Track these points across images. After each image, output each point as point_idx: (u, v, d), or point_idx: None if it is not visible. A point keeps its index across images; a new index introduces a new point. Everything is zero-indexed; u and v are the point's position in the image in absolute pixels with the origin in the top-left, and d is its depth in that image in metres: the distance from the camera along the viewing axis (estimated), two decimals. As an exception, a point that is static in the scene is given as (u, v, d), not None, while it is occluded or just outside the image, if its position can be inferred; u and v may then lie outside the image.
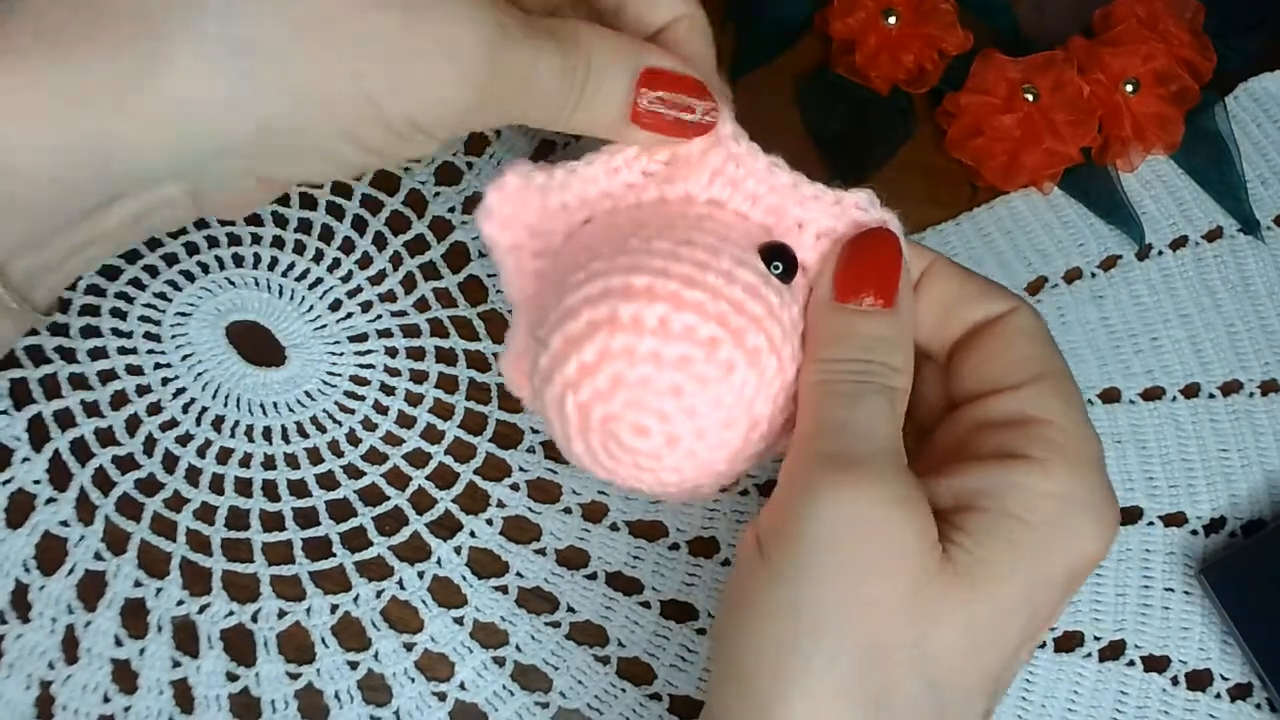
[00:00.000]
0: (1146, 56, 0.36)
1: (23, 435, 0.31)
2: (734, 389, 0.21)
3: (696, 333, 0.20)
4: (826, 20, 0.38)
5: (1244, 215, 0.37)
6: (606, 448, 0.21)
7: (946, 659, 0.20)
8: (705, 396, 0.21)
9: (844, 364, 0.22)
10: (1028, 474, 0.21)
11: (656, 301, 0.20)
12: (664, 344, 0.20)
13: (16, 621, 0.29)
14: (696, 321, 0.20)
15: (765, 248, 0.22)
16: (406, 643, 0.30)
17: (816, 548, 0.20)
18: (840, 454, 0.20)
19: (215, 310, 0.33)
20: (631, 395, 0.20)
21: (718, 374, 0.21)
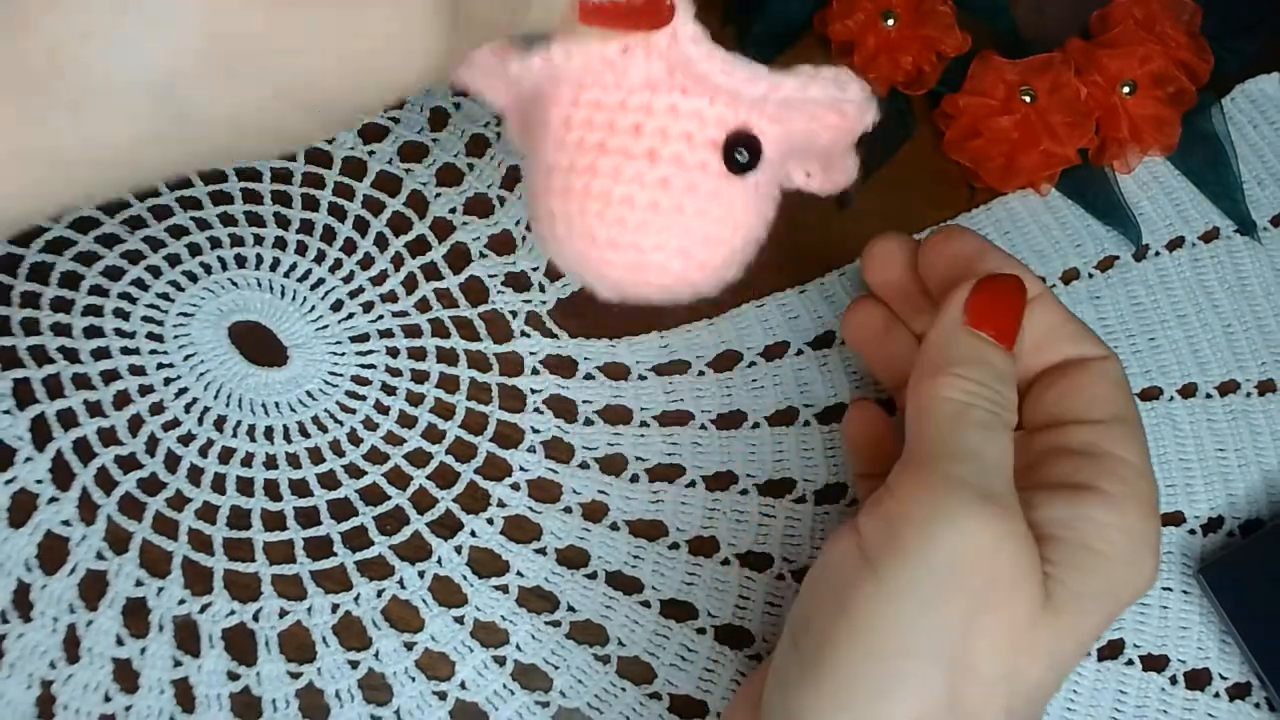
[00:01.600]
0: (1144, 58, 0.37)
1: (25, 435, 0.31)
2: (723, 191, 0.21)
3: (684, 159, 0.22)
4: (825, 22, 0.38)
5: (1240, 216, 0.37)
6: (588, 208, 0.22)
7: (1027, 692, 0.20)
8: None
9: (981, 389, 0.22)
10: (1102, 508, 0.21)
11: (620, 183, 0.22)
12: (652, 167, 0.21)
13: (18, 621, 0.29)
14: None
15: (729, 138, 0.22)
16: (407, 642, 0.30)
17: (937, 572, 0.20)
18: (975, 484, 0.20)
19: (218, 310, 0.33)
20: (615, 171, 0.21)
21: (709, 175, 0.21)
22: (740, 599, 0.31)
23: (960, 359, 0.23)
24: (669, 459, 0.33)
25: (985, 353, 0.23)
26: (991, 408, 0.22)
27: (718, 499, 0.32)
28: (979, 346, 0.23)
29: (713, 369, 0.34)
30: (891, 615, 0.20)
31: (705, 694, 0.30)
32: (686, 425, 0.33)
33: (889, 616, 0.20)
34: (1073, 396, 0.23)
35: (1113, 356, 0.24)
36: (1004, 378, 0.23)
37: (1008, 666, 0.20)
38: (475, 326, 0.34)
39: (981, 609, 0.20)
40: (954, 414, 0.22)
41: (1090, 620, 0.21)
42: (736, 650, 0.31)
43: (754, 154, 0.22)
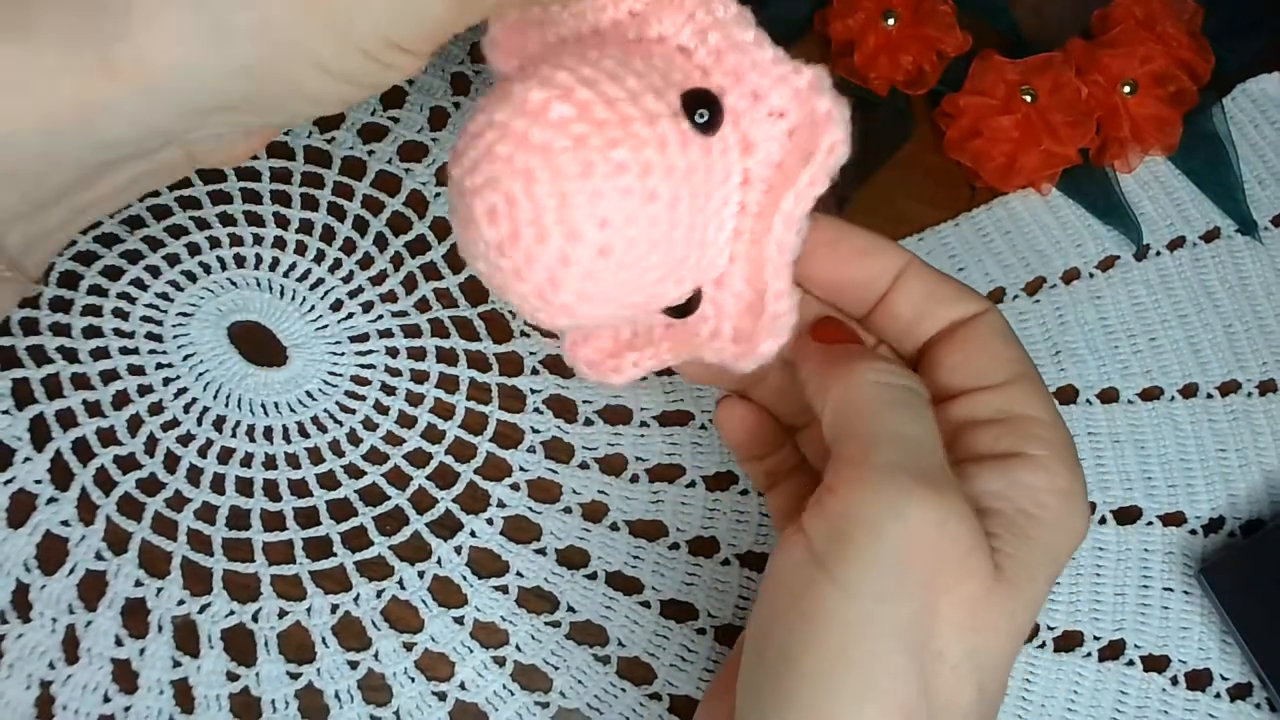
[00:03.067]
0: (1144, 58, 0.37)
1: (24, 435, 0.31)
2: (584, 193, 0.20)
3: (569, 126, 0.20)
4: (826, 21, 0.38)
5: (1241, 216, 0.37)
6: (467, 230, 0.21)
7: (993, 664, 0.20)
8: (551, 190, 0.20)
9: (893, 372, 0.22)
10: (1031, 472, 0.21)
11: (547, 88, 0.20)
12: (534, 126, 0.20)
13: (17, 621, 0.29)
14: (572, 115, 0.20)
15: (689, 93, 0.21)
16: (406, 642, 0.30)
17: (890, 564, 0.20)
18: (909, 466, 0.20)
19: (217, 310, 0.33)
20: (492, 171, 0.20)
21: (572, 170, 0.20)
22: (740, 599, 0.31)
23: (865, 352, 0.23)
24: (669, 459, 0.33)
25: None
26: (908, 389, 0.22)
27: (718, 499, 0.32)
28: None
29: (713, 369, 0.34)
30: (853, 616, 0.20)
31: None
32: (686, 425, 0.33)
33: (851, 617, 0.20)
34: (968, 363, 0.23)
35: (991, 307, 0.23)
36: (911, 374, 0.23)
37: (971, 645, 0.20)
38: (475, 326, 0.34)
39: (938, 593, 0.20)
40: (873, 400, 0.21)
41: (1039, 584, 0.21)
42: (736, 651, 0.31)
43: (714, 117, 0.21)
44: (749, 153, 0.22)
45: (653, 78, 0.21)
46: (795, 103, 0.22)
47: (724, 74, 0.22)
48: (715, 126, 0.21)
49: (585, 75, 0.20)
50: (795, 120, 0.22)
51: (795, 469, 0.27)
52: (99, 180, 0.22)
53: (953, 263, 0.36)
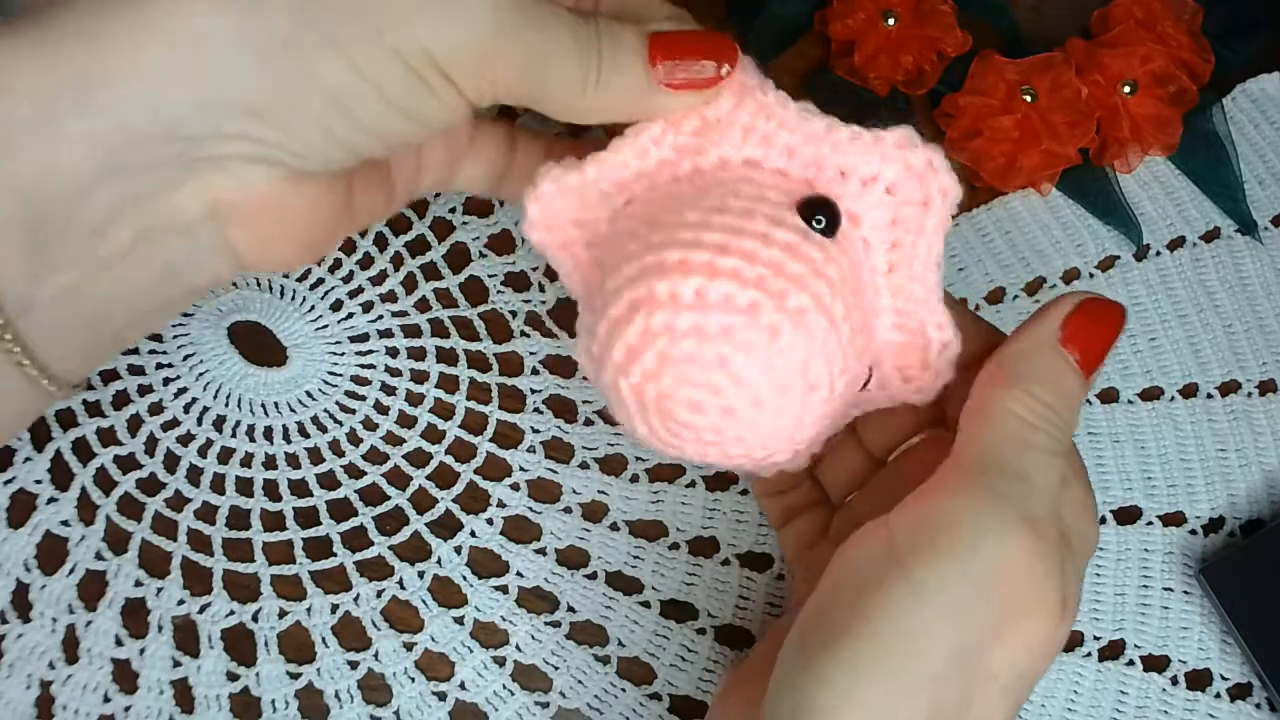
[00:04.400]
0: (1145, 58, 0.37)
1: (24, 435, 0.31)
2: (782, 353, 0.20)
3: (735, 301, 0.20)
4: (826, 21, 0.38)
5: (1241, 216, 0.37)
6: (666, 426, 0.21)
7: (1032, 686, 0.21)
8: (753, 364, 0.20)
9: (1049, 413, 0.22)
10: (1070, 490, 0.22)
11: (691, 275, 0.20)
12: (703, 316, 0.20)
13: (17, 621, 0.29)
14: (734, 289, 0.20)
15: (804, 202, 0.21)
16: (407, 642, 0.30)
17: (973, 581, 0.20)
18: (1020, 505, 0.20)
19: (217, 310, 0.33)
20: (679, 372, 0.20)
21: (763, 340, 0.20)
22: (740, 599, 0.31)
23: (1037, 376, 0.22)
24: (669, 459, 0.33)
25: (1063, 374, 0.22)
26: (1055, 433, 0.22)
27: (718, 499, 0.32)
28: (1059, 367, 0.22)
29: (713, 369, 0.34)
30: (919, 620, 0.20)
31: (705, 694, 0.30)
32: (686, 425, 0.33)
33: (916, 621, 0.20)
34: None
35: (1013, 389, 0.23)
36: (1074, 404, 0.22)
37: (1024, 669, 0.20)
38: (475, 326, 0.34)
39: (1008, 621, 0.20)
40: (1016, 431, 0.21)
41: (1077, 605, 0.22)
42: (736, 650, 0.31)
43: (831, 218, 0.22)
44: (858, 224, 0.23)
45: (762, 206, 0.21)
46: (882, 165, 0.23)
47: (804, 166, 0.22)
48: (836, 224, 0.22)
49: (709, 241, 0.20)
50: (889, 178, 0.23)
51: (813, 504, 0.27)
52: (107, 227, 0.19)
53: (953, 263, 0.36)
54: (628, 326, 0.20)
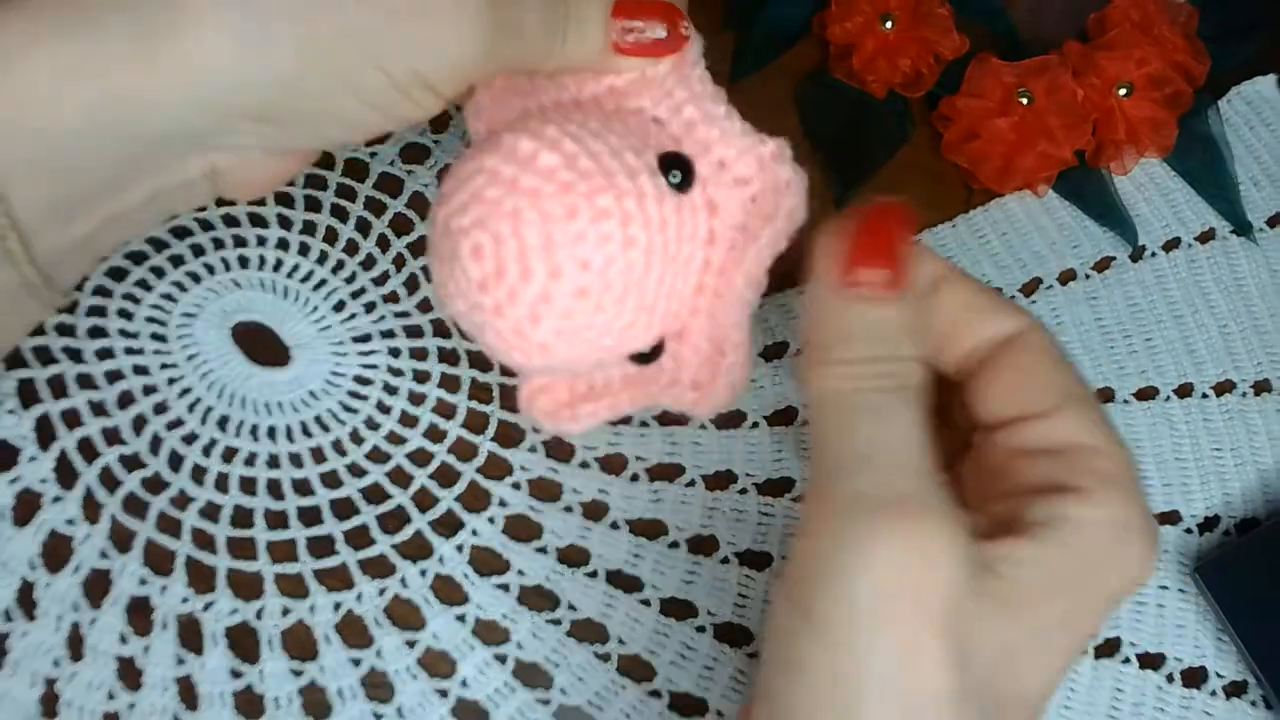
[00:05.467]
0: (1140, 60, 0.37)
1: (30, 434, 0.31)
2: (569, 235, 0.21)
3: (555, 173, 0.21)
4: (824, 24, 0.38)
5: (1236, 217, 0.38)
6: (450, 268, 0.22)
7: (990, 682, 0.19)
8: (537, 230, 0.21)
9: (866, 365, 0.20)
10: (1080, 506, 0.20)
11: (536, 140, 0.22)
12: (523, 172, 0.21)
13: (22, 619, 0.29)
14: (559, 164, 0.21)
15: (667, 154, 0.23)
16: (409, 640, 0.30)
17: (861, 607, 0.18)
18: (874, 495, 0.19)
19: (221, 311, 0.33)
20: (479, 212, 0.21)
21: (558, 213, 0.21)
22: (739, 597, 0.32)
23: (836, 336, 0.20)
24: (669, 458, 0.33)
25: (864, 314, 0.20)
26: (880, 382, 0.19)
27: (717, 498, 0.33)
28: (853, 310, 0.20)
29: (712, 369, 0.34)
30: (828, 664, 0.18)
31: (705, 692, 0.30)
32: (686, 425, 0.33)
33: (827, 665, 0.18)
34: (1014, 389, 0.21)
35: (1036, 323, 0.21)
36: (894, 333, 0.20)
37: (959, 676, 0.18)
38: (476, 327, 0.34)
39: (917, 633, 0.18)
40: (838, 409, 0.20)
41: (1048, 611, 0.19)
42: (736, 648, 0.31)
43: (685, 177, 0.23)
44: (714, 214, 0.24)
45: (632, 139, 0.23)
46: (758, 171, 0.24)
47: (694, 143, 0.24)
48: (688, 186, 0.23)
49: (571, 131, 0.22)
50: (757, 187, 0.24)
51: None
52: (124, 189, 0.22)
53: (950, 264, 0.36)
54: (469, 162, 0.22)
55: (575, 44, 0.23)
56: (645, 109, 0.24)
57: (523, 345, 0.22)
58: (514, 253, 0.21)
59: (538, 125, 0.22)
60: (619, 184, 0.22)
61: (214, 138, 0.22)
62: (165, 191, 0.23)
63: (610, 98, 0.24)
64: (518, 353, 0.23)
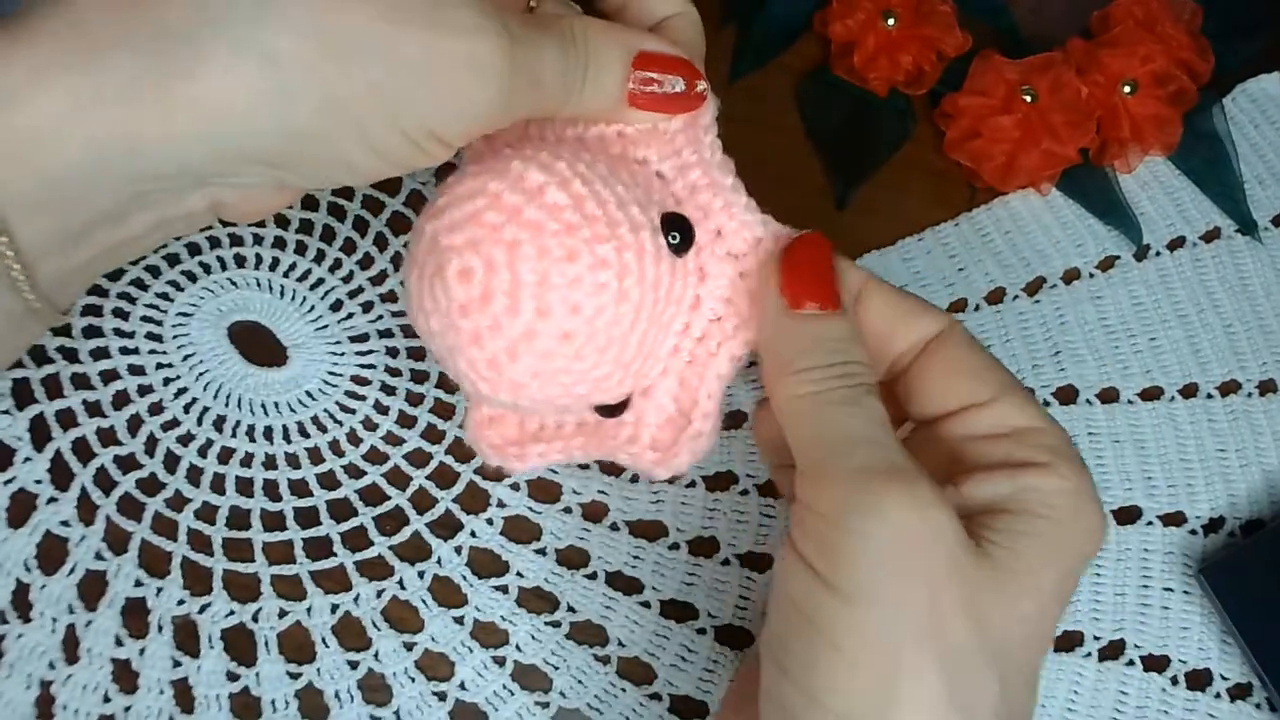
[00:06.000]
0: (1145, 58, 0.37)
1: (25, 435, 0.31)
2: (564, 278, 0.21)
3: (561, 212, 0.21)
4: (825, 21, 0.38)
5: (1241, 216, 0.37)
6: (431, 284, 0.22)
7: (1008, 654, 0.20)
8: (533, 266, 0.21)
9: (827, 370, 0.22)
10: (1041, 477, 0.22)
11: (545, 173, 0.21)
12: (527, 204, 0.21)
13: (17, 621, 0.29)
14: (567, 204, 0.21)
15: (669, 214, 0.23)
16: (407, 642, 0.30)
17: (880, 565, 0.20)
18: (871, 465, 0.20)
19: (217, 310, 0.33)
20: (475, 234, 0.21)
21: (558, 253, 0.21)
22: (740, 599, 0.31)
23: (796, 351, 0.22)
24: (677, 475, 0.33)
25: (816, 330, 0.22)
26: (845, 382, 0.22)
27: (718, 499, 0.32)
28: (807, 329, 0.22)
29: (713, 369, 0.34)
30: (864, 622, 0.20)
31: (705, 694, 0.30)
32: (686, 425, 0.33)
33: (857, 624, 0.20)
34: (952, 384, 0.23)
35: (955, 321, 0.23)
36: (845, 342, 0.22)
37: (979, 637, 0.20)
38: (475, 326, 0.34)
39: (932, 587, 0.20)
40: (815, 408, 0.22)
41: (1046, 579, 0.21)
42: (736, 650, 0.31)
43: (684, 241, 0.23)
44: (702, 281, 0.24)
45: (638, 192, 0.23)
46: (754, 249, 0.24)
47: (695, 207, 0.24)
48: (685, 250, 0.23)
49: (581, 171, 0.22)
50: (749, 264, 0.24)
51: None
52: (128, 220, 0.22)
53: (953, 263, 0.36)
54: (470, 181, 0.22)
55: (592, 94, 0.23)
56: (651, 161, 0.24)
57: (494, 378, 0.22)
58: (505, 284, 0.21)
59: (549, 158, 0.21)
60: (622, 236, 0.21)
61: (220, 178, 0.22)
62: (167, 221, 0.23)
63: (617, 142, 0.24)
64: (486, 385, 0.22)
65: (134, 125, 0.20)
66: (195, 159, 0.20)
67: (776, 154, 0.37)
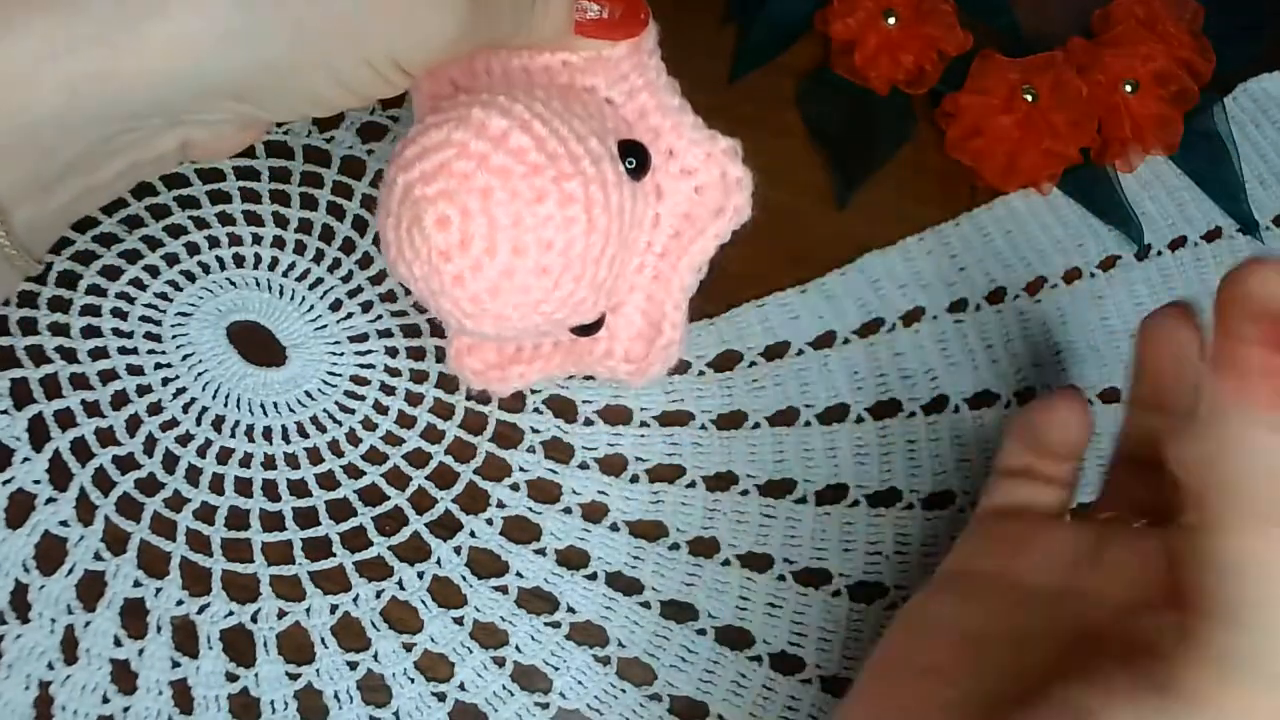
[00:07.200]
0: (1146, 57, 0.37)
1: (23, 435, 0.31)
2: (536, 218, 0.22)
3: (526, 154, 0.22)
4: (826, 20, 0.38)
5: (1243, 216, 0.37)
6: (410, 233, 0.23)
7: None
8: (507, 209, 0.22)
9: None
10: None
11: (507, 117, 0.22)
12: (494, 150, 0.22)
13: (16, 622, 0.29)
14: (530, 146, 0.22)
15: (625, 141, 0.24)
16: (406, 643, 0.30)
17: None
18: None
19: (216, 310, 0.33)
20: (448, 184, 0.22)
21: (526, 195, 0.22)
22: (741, 600, 0.31)
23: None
24: (669, 459, 0.33)
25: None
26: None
27: (718, 499, 0.32)
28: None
29: (713, 369, 0.34)
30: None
31: (705, 695, 0.30)
32: (686, 425, 0.33)
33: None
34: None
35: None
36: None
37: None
38: (475, 326, 0.34)
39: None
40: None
41: None
42: (737, 651, 0.31)
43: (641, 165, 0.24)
44: (660, 199, 0.25)
45: (593, 124, 0.24)
46: (705, 164, 0.26)
47: (645, 129, 0.25)
48: (642, 173, 0.25)
49: (539, 111, 0.23)
50: (703, 179, 0.26)
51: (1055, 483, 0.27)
52: (101, 163, 0.22)
53: (954, 262, 0.36)
54: (435, 132, 0.23)
55: (540, 22, 0.23)
56: (598, 88, 0.25)
57: (478, 314, 0.23)
58: (482, 229, 0.22)
59: (506, 102, 0.22)
60: (585, 170, 0.23)
61: (192, 114, 0.22)
62: (139, 164, 0.23)
63: (563, 71, 0.25)
64: (471, 321, 0.24)
65: (108, 65, 0.20)
66: (170, 97, 0.21)
67: (776, 154, 0.37)
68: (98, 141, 0.21)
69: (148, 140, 0.22)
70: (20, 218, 0.22)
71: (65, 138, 0.21)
